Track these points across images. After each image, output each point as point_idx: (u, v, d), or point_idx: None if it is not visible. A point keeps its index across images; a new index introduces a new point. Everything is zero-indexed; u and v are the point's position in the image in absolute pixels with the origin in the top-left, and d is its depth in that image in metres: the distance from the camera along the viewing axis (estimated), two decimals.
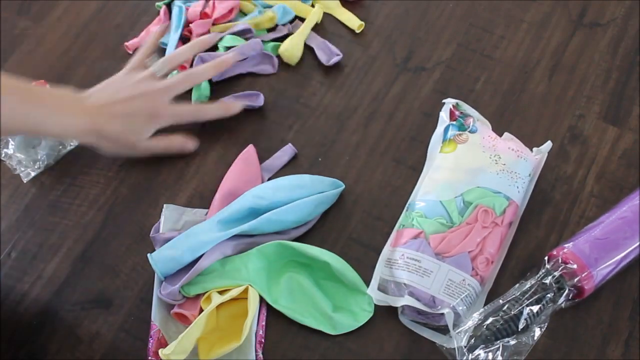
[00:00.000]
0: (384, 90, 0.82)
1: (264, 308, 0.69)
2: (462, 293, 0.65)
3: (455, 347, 0.63)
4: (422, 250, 0.67)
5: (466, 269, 0.66)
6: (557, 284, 0.65)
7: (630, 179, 0.75)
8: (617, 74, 0.82)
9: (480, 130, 0.73)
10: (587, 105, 0.80)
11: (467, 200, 0.68)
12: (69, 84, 0.84)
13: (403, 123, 0.80)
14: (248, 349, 0.65)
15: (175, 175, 0.78)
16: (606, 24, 0.85)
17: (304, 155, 0.78)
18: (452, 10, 0.87)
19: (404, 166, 0.77)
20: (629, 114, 0.79)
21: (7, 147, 0.78)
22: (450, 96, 0.79)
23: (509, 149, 0.72)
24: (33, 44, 0.87)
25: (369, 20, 0.87)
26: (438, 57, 0.84)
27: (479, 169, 0.70)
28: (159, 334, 0.67)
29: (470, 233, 0.67)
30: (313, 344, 0.68)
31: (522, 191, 0.71)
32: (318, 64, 0.84)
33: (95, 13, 0.89)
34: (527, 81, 0.82)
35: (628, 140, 0.78)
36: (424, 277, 0.65)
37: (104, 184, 0.78)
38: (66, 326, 0.70)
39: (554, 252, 0.68)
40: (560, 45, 0.84)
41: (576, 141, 0.78)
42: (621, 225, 0.67)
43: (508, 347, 0.63)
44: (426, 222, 0.68)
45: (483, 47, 0.84)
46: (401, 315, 0.68)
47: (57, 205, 0.77)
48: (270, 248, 0.70)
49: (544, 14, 0.86)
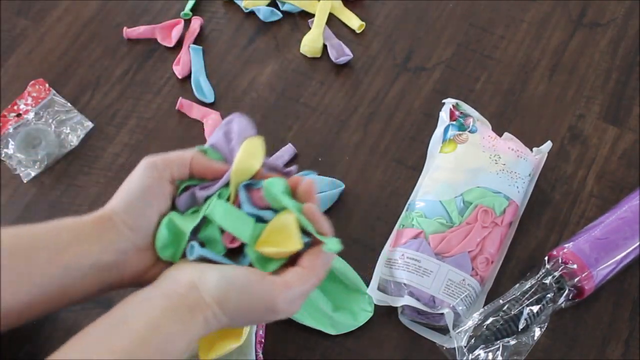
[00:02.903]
0: (384, 90, 0.82)
1: None
2: (462, 293, 0.65)
3: (455, 347, 0.63)
4: (422, 250, 0.67)
5: (466, 269, 0.66)
6: (557, 284, 0.65)
7: (630, 179, 0.75)
8: (617, 74, 0.82)
9: (480, 130, 0.73)
10: (587, 105, 0.80)
11: (467, 200, 0.68)
12: (69, 84, 0.84)
13: (403, 123, 0.80)
14: (248, 349, 0.65)
15: None
16: (606, 24, 0.85)
17: (304, 155, 0.78)
18: (452, 10, 0.87)
19: (404, 166, 0.77)
20: (629, 114, 0.79)
21: (7, 147, 0.78)
22: (450, 96, 0.79)
23: (509, 149, 0.72)
24: (33, 44, 0.87)
25: (369, 20, 0.87)
26: (438, 57, 0.84)
27: (479, 169, 0.70)
28: None
29: (470, 233, 0.67)
30: (313, 344, 0.68)
31: (522, 191, 0.71)
32: (318, 64, 0.84)
33: (95, 13, 0.89)
34: (527, 81, 0.82)
35: (628, 140, 0.78)
36: (424, 277, 0.65)
37: (104, 184, 0.78)
38: (66, 326, 0.70)
39: (554, 252, 0.68)
40: (560, 45, 0.84)
41: (576, 141, 0.78)
42: (621, 225, 0.67)
43: (508, 347, 0.63)
44: (426, 222, 0.68)
45: (483, 47, 0.84)
46: (401, 315, 0.68)
47: (57, 206, 0.77)
48: None
49: (544, 14, 0.86)
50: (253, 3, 0.87)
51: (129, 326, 0.44)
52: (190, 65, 0.84)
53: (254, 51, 0.86)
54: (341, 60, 0.83)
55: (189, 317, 0.45)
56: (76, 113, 0.81)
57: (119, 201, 0.51)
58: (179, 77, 0.83)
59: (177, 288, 0.46)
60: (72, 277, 0.48)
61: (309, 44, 0.84)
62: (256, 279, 0.48)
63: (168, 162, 0.52)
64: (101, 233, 0.49)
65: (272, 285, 0.48)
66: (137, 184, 0.51)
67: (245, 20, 0.88)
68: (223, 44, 0.86)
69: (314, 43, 0.84)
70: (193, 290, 0.46)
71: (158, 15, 0.89)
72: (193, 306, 0.46)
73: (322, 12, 0.86)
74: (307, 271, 0.50)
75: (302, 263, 0.51)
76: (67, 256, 0.48)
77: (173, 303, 0.45)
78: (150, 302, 0.45)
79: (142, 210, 0.50)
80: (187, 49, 0.85)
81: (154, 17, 0.89)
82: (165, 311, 0.45)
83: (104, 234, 0.49)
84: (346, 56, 0.83)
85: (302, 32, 0.86)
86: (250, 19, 0.88)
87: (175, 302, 0.45)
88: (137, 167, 0.52)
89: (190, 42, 0.85)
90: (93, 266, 0.49)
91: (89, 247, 0.49)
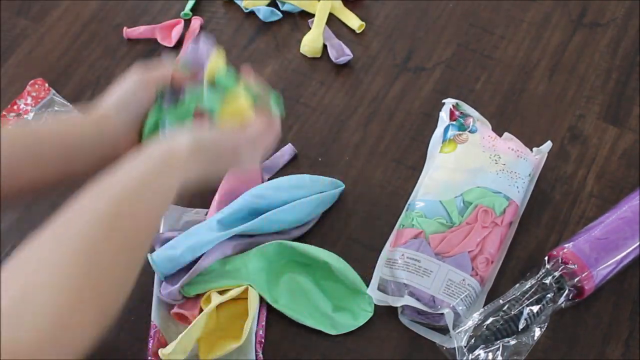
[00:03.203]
0: (384, 90, 0.82)
1: (264, 308, 0.69)
2: (462, 293, 0.65)
3: (455, 347, 0.63)
4: (422, 250, 0.67)
5: (466, 269, 0.66)
6: (557, 284, 0.65)
7: (630, 179, 0.75)
8: (617, 74, 0.82)
9: (480, 130, 0.73)
10: (587, 105, 0.80)
11: (467, 200, 0.68)
12: (69, 84, 0.84)
13: (403, 123, 0.80)
14: (248, 349, 0.65)
15: None
16: (606, 24, 0.85)
17: (304, 155, 0.78)
18: (452, 10, 0.87)
19: (404, 166, 0.77)
20: (629, 114, 0.79)
21: None
22: (450, 96, 0.79)
23: (509, 149, 0.72)
24: (33, 44, 0.87)
25: (369, 20, 0.87)
26: (438, 57, 0.84)
27: (478, 169, 0.70)
28: (158, 334, 0.67)
29: (470, 233, 0.67)
30: (313, 344, 0.68)
31: (522, 191, 0.71)
32: (318, 64, 0.84)
33: (95, 13, 0.89)
34: (527, 81, 0.82)
35: (628, 140, 0.78)
36: (424, 277, 0.65)
37: None
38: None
39: (554, 252, 0.68)
40: (560, 45, 0.84)
41: (576, 141, 0.78)
42: (621, 225, 0.67)
43: (508, 347, 0.63)
44: (426, 222, 0.68)
45: (483, 47, 0.84)
46: (401, 315, 0.68)
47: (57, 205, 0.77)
48: (270, 248, 0.70)
49: (544, 14, 0.86)
50: (253, 3, 0.87)
51: (120, 177, 0.55)
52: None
53: (254, 51, 0.86)
54: (341, 60, 0.83)
55: (167, 169, 0.57)
56: (76, 113, 0.81)
57: (114, 103, 0.66)
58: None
59: (156, 151, 0.58)
60: (76, 159, 0.63)
61: (309, 44, 0.84)
62: (219, 130, 0.63)
63: (154, 78, 0.67)
64: (101, 129, 0.64)
65: (232, 131, 0.63)
66: (129, 92, 0.66)
67: (245, 20, 0.88)
68: (223, 44, 0.86)
69: (314, 43, 0.84)
70: (170, 150, 0.58)
71: (158, 15, 0.89)
72: (171, 159, 0.57)
73: (322, 12, 0.86)
74: (258, 118, 0.65)
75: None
76: (74, 150, 0.63)
77: (154, 159, 0.57)
78: (137, 161, 0.56)
79: (134, 109, 0.65)
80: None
81: (154, 17, 0.89)
82: (148, 165, 0.56)
83: (104, 129, 0.64)
84: (346, 56, 0.83)
85: (302, 32, 0.86)
86: (250, 19, 0.88)
87: (156, 159, 0.57)
88: (128, 80, 0.66)
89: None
90: (95, 153, 0.63)
91: (90, 138, 0.64)
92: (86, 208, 0.52)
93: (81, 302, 0.47)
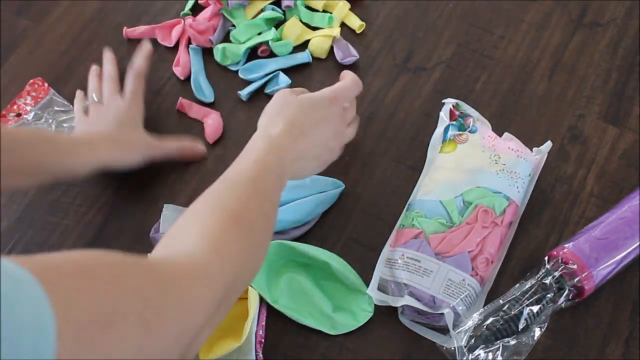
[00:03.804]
0: (384, 90, 0.82)
1: (264, 308, 0.69)
2: (462, 293, 0.65)
3: (455, 347, 0.63)
4: (422, 250, 0.67)
5: (466, 269, 0.66)
6: (557, 284, 0.65)
7: (630, 179, 0.75)
8: (617, 74, 0.82)
9: (480, 130, 0.73)
10: (587, 105, 0.80)
11: (467, 200, 0.68)
12: (69, 84, 0.84)
13: (403, 123, 0.80)
14: (248, 349, 0.65)
15: (175, 175, 0.78)
16: (606, 24, 0.85)
17: None
18: (452, 10, 0.87)
19: (404, 166, 0.77)
20: (629, 114, 0.79)
21: None
22: (450, 96, 0.79)
23: (509, 149, 0.72)
24: (33, 44, 0.87)
25: (369, 20, 0.87)
26: (438, 57, 0.84)
27: (479, 169, 0.70)
28: None
29: (470, 233, 0.67)
30: (313, 344, 0.68)
31: (522, 191, 0.71)
32: (320, 64, 0.84)
33: (95, 13, 0.89)
34: (527, 81, 0.82)
35: (628, 140, 0.78)
36: (424, 277, 0.65)
37: (104, 184, 0.78)
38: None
39: (554, 252, 0.68)
40: (560, 45, 0.84)
41: (576, 141, 0.78)
42: (621, 225, 0.67)
43: (508, 347, 0.63)
44: (426, 222, 0.68)
45: (483, 47, 0.84)
46: (401, 315, 0.68)
47: (57, 205, 0.77)
48: (270, 248, 0.70)
49: (544, 14, 0.86)
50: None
51: (242, 165, 0.62)
52: (190, 65, 0.84)
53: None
54: (347, 60, 0.83)
55: (274, 159, 0.63)
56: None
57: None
58: (181, 77, 0.83)
59: (258, 151, 0.63)
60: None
61: (317, 44, 0.84)
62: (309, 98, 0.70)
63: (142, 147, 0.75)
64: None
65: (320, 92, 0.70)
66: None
67: None
68: None
69: (322, 44, 0.84)
70: (267, 147, 0.64)
71: (158, 15, 0.89)
72: (271, 153, 0.64)
73: (339, 13, 0.86)
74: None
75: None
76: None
77: (260, 155, 0.63)
78: (248, 158, 0.63)
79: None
80: (186, 49, 0.85)
81: (154, 17, 0.89)
82: (258, 157, 0.62)
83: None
84: (352, 57, 0.83)
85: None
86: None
87: (261, 154, 0.63)
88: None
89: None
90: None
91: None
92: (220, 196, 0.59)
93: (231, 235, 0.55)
